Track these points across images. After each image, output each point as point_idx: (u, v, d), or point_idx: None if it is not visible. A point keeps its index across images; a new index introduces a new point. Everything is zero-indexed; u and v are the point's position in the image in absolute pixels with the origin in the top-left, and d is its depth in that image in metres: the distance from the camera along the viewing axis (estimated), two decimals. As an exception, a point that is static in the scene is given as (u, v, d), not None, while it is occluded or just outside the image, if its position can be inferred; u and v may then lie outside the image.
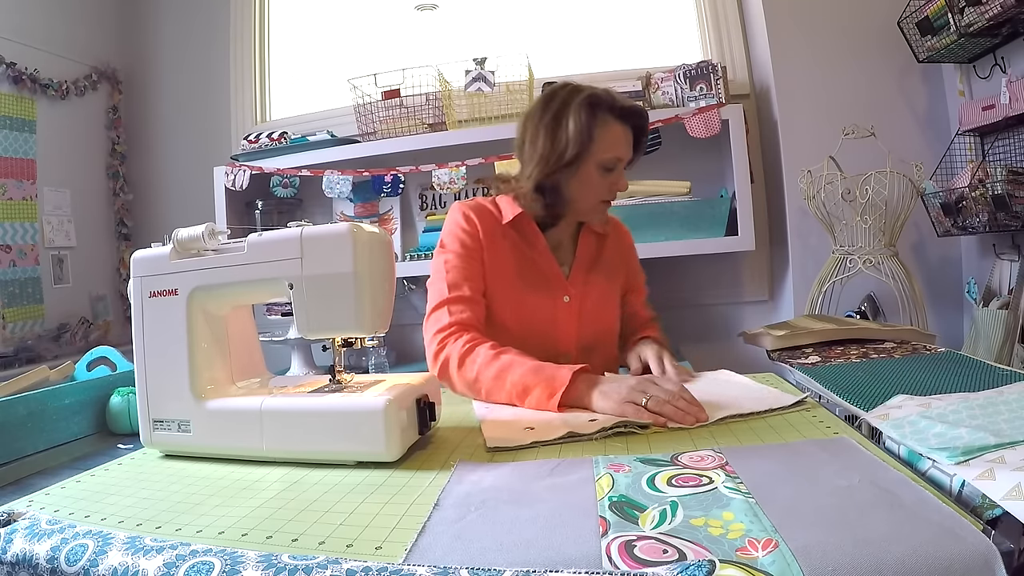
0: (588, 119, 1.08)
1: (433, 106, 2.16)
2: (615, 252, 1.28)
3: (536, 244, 1.18)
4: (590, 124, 1.08)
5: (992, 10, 1.56)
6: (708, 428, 0.75)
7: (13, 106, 2.26)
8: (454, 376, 1.02)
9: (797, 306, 2.03)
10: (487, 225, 1.16)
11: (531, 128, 1.14)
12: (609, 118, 1.09)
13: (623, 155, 1.12)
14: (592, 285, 1.21)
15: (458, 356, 1.02)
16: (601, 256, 1.25)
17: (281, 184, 2.23)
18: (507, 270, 1.15)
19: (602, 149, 1.09)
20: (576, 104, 1.09)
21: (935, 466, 0.57)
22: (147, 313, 0.79)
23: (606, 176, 1.12)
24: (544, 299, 1.16)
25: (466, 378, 1.00)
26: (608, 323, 1.24)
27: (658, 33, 2.41)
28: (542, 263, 1.18)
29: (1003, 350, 1.64)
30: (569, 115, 1.09)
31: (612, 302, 1.25)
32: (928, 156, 1.92)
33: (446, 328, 1.07)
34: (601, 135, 1.09)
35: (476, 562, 0.44)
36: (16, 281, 2.24)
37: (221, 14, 2.62)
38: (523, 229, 1.18)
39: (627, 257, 1.31)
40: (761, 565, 0.40)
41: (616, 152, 1.11)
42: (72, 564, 0.46)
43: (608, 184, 1.13)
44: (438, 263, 1.15)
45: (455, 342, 1.04)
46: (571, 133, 1.08)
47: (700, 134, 1.94)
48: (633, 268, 1.32)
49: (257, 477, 0.68)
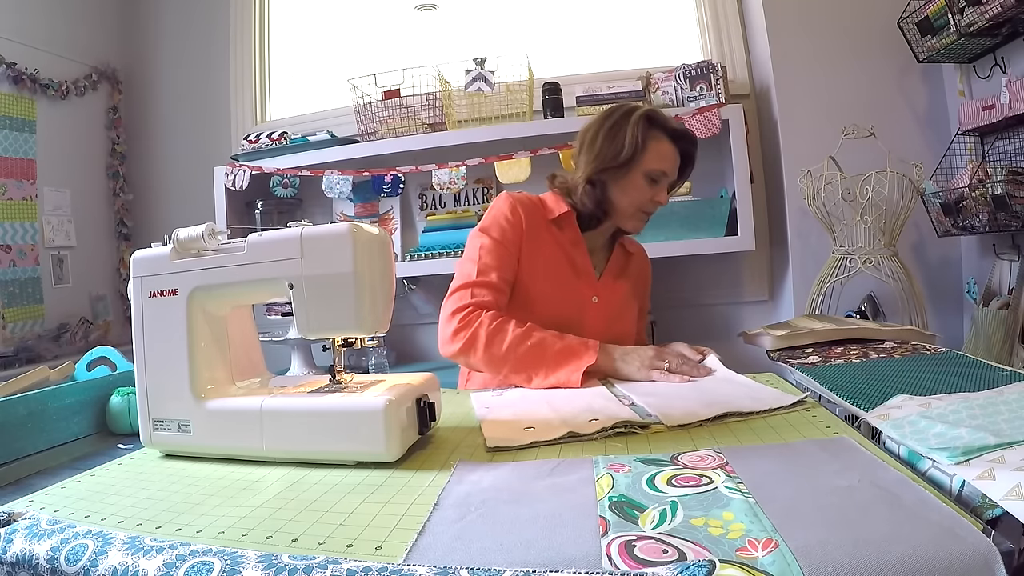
0: (644, 131, 1.19)
1: (433, 106, 2.16)
2: (637, 273, 1.37)
3: (576, 242, 1.25)
4: (645, 135, 1.18)
5: (992, 10, 1.56)
6: (708, 428, 0.75)
7: (13, 106, 2.26)
8: (480, 351, 1.06)
9: (797, 306, 2.03)
10: (532, 217, 1.22)
11: (590, 135, 1.23)
12: (662, 135, 1.20)
13: (669, 171, 1.21)
14: (618, 292, 1.29)
15: (486, 332, 1.07)
16: (627, 271, 1.34)
17: (281, 184, 2.23)
18: (545, 262, 1.21)
19: (651, 160, 1.19)
20: (636, 116, 1.20)
21: (935, 466, 0.57)
22: (147, 313, 0.79)
23: (650, 187, 1.21)
24: (575, 295, 1.23)
25: (492, 354, 1.05)
26: (626, 333, 1.31)
27: (658, 33, 2.41)
28: (579, 260, 1.24)
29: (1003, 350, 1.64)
30: (628, 124, 1.19)
31: (629, 315, 1.33)
32: (928, 156, 1.92)
33: (467, 307, 1.12)
34: (652, 147, 1.19)
35: (476, 562, 0.44)
36: (16, 281, 2.24)
37: (221, 14, 2.62)
38: (565, 227, 1.25)
39: (645, 282, 1.41)
40: (761, 565, 0.40)
41: (663, 166, 1.20)
42: (72, 564, 0.46)
43: (651, 195, 1.21)
44: (473, 245, 1.21)
45: (479, 319, 1.09)
46: (627, 139, 1.18)
47: (700, 134, 1.94)
48: (646, 292, 1.42)
49: (257, 477, 0.68)
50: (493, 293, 1.15)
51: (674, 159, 1.22)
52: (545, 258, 1.21)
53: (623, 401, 0.90)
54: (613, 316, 1.26)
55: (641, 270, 1.40)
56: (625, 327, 1.31)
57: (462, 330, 1.09)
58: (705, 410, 0.80)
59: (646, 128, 1.19)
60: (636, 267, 1.37)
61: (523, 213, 1.21)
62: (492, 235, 1.19)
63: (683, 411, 0.81)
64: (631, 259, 1.36)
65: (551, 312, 1.19)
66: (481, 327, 1.07)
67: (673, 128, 1.22)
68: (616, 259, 1.32)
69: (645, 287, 1.42)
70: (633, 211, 1.22)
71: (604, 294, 1.26)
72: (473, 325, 1.08)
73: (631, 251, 1.37)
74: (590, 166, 1.21)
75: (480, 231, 1.22)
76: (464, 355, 1.09)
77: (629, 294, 1.33)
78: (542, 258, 1.21)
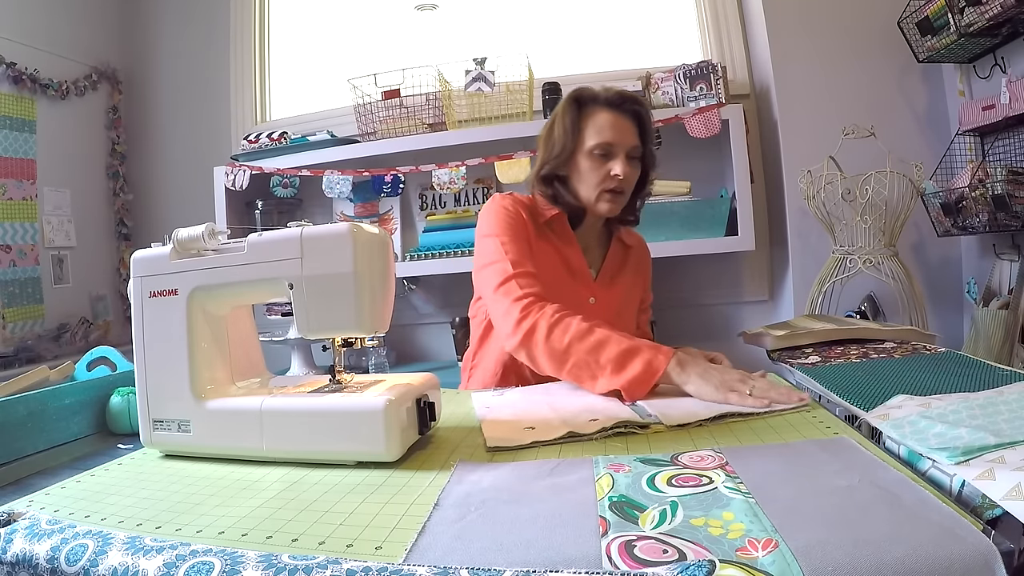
0: (573, 114, 1.16)
1: (433, 106, 2.16)
2: (637, 266, 1.33)
3: (570, 243, 1.22)
4: (576, 117, 1.16)
5: (992, 10, 1.56)
6: (708, 428, 0.75)
7: (13, 106, 2.26)
8: (540, 345, 0.99)
9: (797, 306, 2.03)
10: (530, 217, 1.21)
11: (541, 138, 1.24)
12: (595, 108, 1.16)
13: (614, 139, 1.14)
14: (616, 291, 1.26)
15: (547, 325, 0.99)
16: (626, 266, 1.30)
17: (281, 184, 2.23)
18: (540, 264, 1.16)
19: (590, 137, 1.15)
20: (562, 104, 1.19)
21: (935, 466, 0.57)
22: (147, 313, 0.79)
23: (603, 163, 1.15)
24: (572, 297, 1.18)
25: (553, 348, 0.97)
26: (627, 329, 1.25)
27: (658, 33, 2.41)
28: (574, 262, 1.22)
29: (1003, 350, 1.64)
30: (558, 115, 1.18)
31: (630, 312, 1.30)
32: (928, 156, 1.92)
33: (526, 297, 1.05)
34: (588, 125, 1.15)
35: (476, 562, 0.44)
36: (16, 281, 2.24)
37: (221, 14, 2.62)
38: (557, 227, 1.22)
39: (645, 274, 1.37)
40: (761, 565, 0.40)
41: (604, 137, 1.14)
42: (72, 564, 0.46)
43: (605, 170, 1.15)
44: (491, 247, 1.15)
45: (541, 310, 1.02)
46: (560, 130, 1.17)
47: (700, 134, 1.94)
48: (647, 284, 1.38)
49: (257, 477, 0.68)
50: (537, 282, 1.09)
51: (618, 126, 1.14)
52: (541, 260, 1.17)
53: (623, 401, 0.90)
54: (612, 316, 1.22)
55: (641, 261, 1.35)
56: (625, 326, 1.27)
57: (523, 320, 1.02)
58: (705, 410, 0.80)
59: (575, 109, 1.16)
60: (635, 259, 1.33)
61: (523, 211, 1.20)
62: (505, 233, 1.15)
63: (683, 411, 0.81)
64: (630, 252, 1.32)
65: None
66: (543, 318, 1.00)
67: (606, 96, 1.16)
68: (614, 255, 1.28)
69: (646, 278, 1.37)
70: (595, 193, 1.16)
71: (602, 294, 1.23)
72: (534, 316, 1.01)
73: (629, 243, 1.32)
74: (538, 164, 1.21)
75: (488, 235, 1.17)
76: (525, 347, 1.01)
77: (629, 289, 1.29)
78: (538, 260, 1.18)
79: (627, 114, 1.16)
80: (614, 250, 1.28)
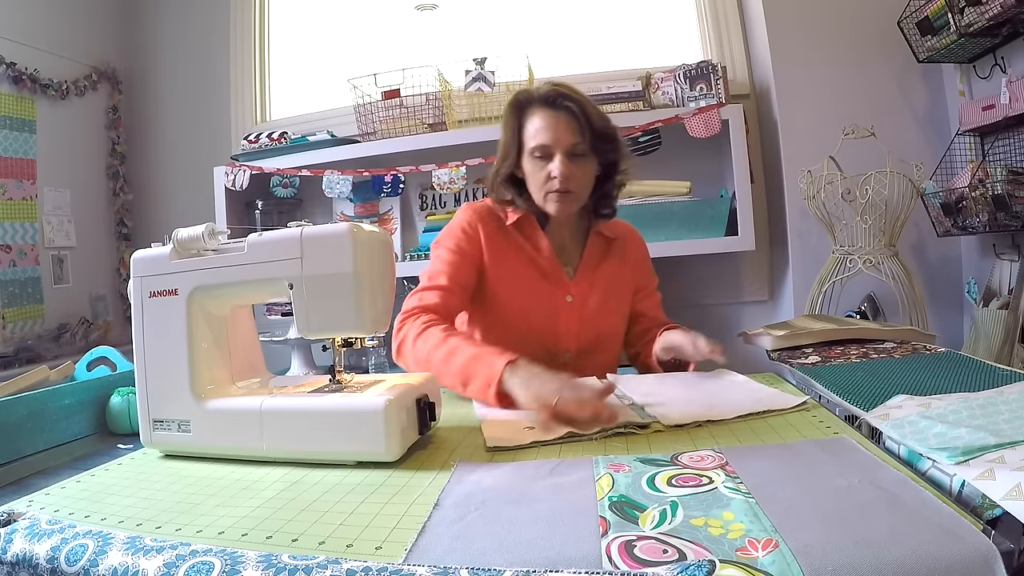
0: (514, 118, 1.17)
1: (433, 106, 2.16)
2: (624, 257, 1.28)
3: (539, 244, 1.20)
4: (518, 121, 1.17)
5: (992, 10, 1.56)
6: (708, 428, 0.75)
7: (13, 106, 2.26)
8: (408, 354, 1.04)
9: (797, 306, 2.03)
10: (490, 228, 1.20)
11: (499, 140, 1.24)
12: (533, 109, 1.15)
13: (549, 141, 1.12)
14: (596, 287, 1.22)
15: (413, 336, 1.04)
16: (608, 259, 1.26)
17: (281, 184, 2.23)
18: (510, 269, 1.18)
19: (529, 140, 1.15)
20: (505, 109, 1.19)
21: (935, 466, 0.57)
22: (147, 313, 0.79)
23: (542, 166, 1.14)
24: (546, 298, 1.18)
25: (418, 357, 1.02)
26: (611, 326, 1.24)
27: (658, 33, 2.41)
28: (544, 263, 1.19)
29: (1003, 350, 1.64)
30: (503, 121, 1.20)
31: (616, 306, 1.25)
32: (928, 156, 1.92)
33: (411, 311, 1.10)
34: (527, 128, 1.15)
35: (476, 562, 0.44)
36: (16, 281, 2.24)
37: (221, 14, 2.62)
38: (526, 230, 1.21)
39: (639, 263, 1.32)
40: (761, 565, 0.40)
41: (539, 140, 1.13)
42: (72, 564, 0.46)
43: (546, 172, 1.13)
44: (431, 256, 1.20)
45: (413, 322, 1.06)
46: (504, 136, 1.19)
47: (700, 134, 1.94)
48: (644, 271, 1.33)
49: (257, 477, 0.68)
50: (441, 294, 1.12)
51: (553, 126, 1.12)
52: (510, 265, 1.18)
53: (623, 401, 0.90)
54: (592, 316, 1.20)
55: (631, 251, 1.30)
56: (609, 327, 1.23)
57: (397, 332, 1.07)
58: (704, 412, 0.80)
59: (517, 115, 1.17)
60: (622, 250, 1.28)
61: (480, 224, 1.19)
62: (447, 246, 1.18)
63: (682, 412, 0.81)
64: (613, 244, 1.27)
65: (523, 319, 1.16)
66: (412, 329, 1.05)
67: (539, 96, 1.15)
68: (592, 250, 1.24)
69: (639, 267, 1.31)
70: (542, 195, 1.15)
71: (579, 292, 1.20)
72: (406, 327, 1.06)
73: (612, 236, 1.27)
74: (492, 171, 1.23)
75: (436, 243, 1.21)
76: (399, 357, 1.06)
77: (611, 289, 1.24)
78: (507, 266, 1.18)
79: (563, 111, 1.12)
80: (592, 245, 1.25)
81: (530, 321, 1.16)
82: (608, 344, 1.24)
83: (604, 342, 1.23)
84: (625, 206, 2.01)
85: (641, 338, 1.25)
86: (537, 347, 1.08)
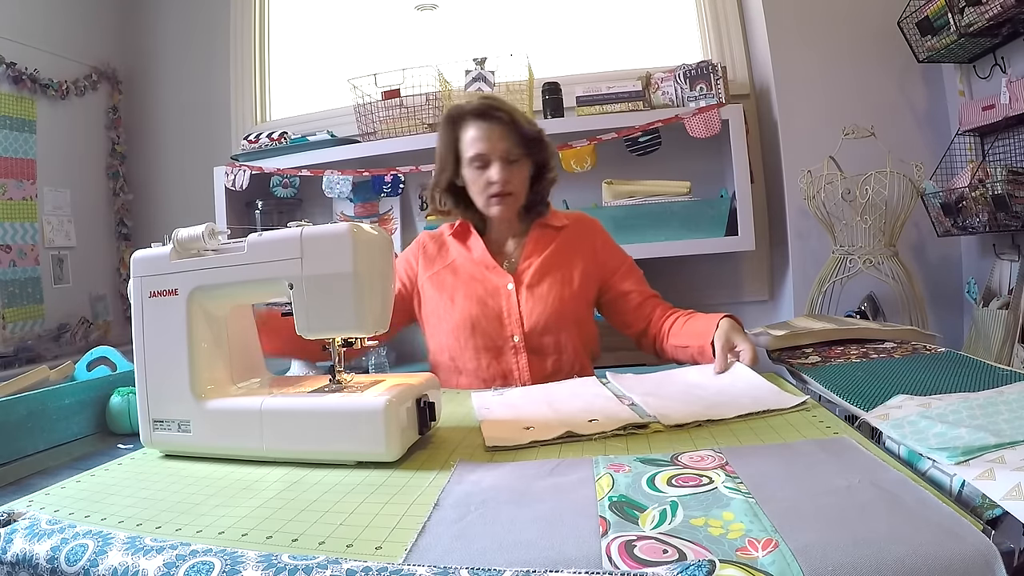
0: (448, 132, 1.25)
1: (433, 106, 2.16)
2: (574, 241, 1.32)
3: (474, 245, 1.30)
4: (452, 135, 1.25)
5: (992, 10, 1.56)
6: (708, 428, 0.75)
7: (13, 106, 2.26)
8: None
9: (797, 306, 2.03)
10: (430, 248, 1.33)
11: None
12: (465, 122, 1.23)
13: (484, 150, 1.21)
14: (539, 271, 1.26)
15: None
16: (553, 245, 1.30)
17: (281, 184, 2.23)
18: (449, 275, 1.28)
19: (466, 150, 1.23)
20: (440, 124, 1.28)
21: (935, 466, 0.57)
22: (147, 313, 0.79)
23: (480, 173, 1.23)
24: (487, 289, 1.25)
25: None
26: (563, 308, 1.24)
27: (658, 33, 2.41)
28: (479, 259, 1.28)
29: (1003, 350, 1.64)
30: (438, 135, 1.28)
31: (567, 287, 1.26)
32: (928, 156, 1.92)
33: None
34: (463, 139, 1.24)
35: (476, 562, 0.44)
36: (16, 281, 2.24)
37: (221, 14, 2.62)
38: (463, 235, 1.33)
39: (594, 243, 1.34)
40: (761, 565, 0.40)
41: (474, 149, 1.22)
42: (72, 564, 0.46)
43: (484, 179, 1.22)
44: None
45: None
46: (440, 149, 1.27)
47: (700, 134, 1.94)
48: (607, 251, 1.34)
49: (257, 477, 0.68)
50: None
51: (486, 135, 1.21)
52: (448, 273, 1.29)
53: (623, 401, 0.90)
54: (538, 300, 1.23)
55: (585, 234, 1.33)
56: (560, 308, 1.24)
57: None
58: (704, 412, 0.80)
59: (451, 129, 1.25)
60: (569, 237, 1.31)
61: (420, 248, 1.34)
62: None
63: (681, 412, 0.81)
64: (562, 231, 1.32)
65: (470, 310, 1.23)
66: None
67: (471, 109, 1.23)
68: (533, 241, 1.30)
69: (606, 248, 1.34)
70: (483, 200, 1.24)
71: (520, 279, 1.25)
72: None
73: (559, 225, 1.32)
74: (432, 182, 1.31)
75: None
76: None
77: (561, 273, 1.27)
78: (445, 274, 1.29)
79: (495, 121, 1.21)
80: (534, 236, 1.31)
81: (473, 314, 1.22)
82: (565, 323, 1.24)
83: (558, 322, 1.23)
84: (625, 206, 2.01)
85: (635, 312, 1.29)
86: (484, 337, 1.20)
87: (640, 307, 1.29)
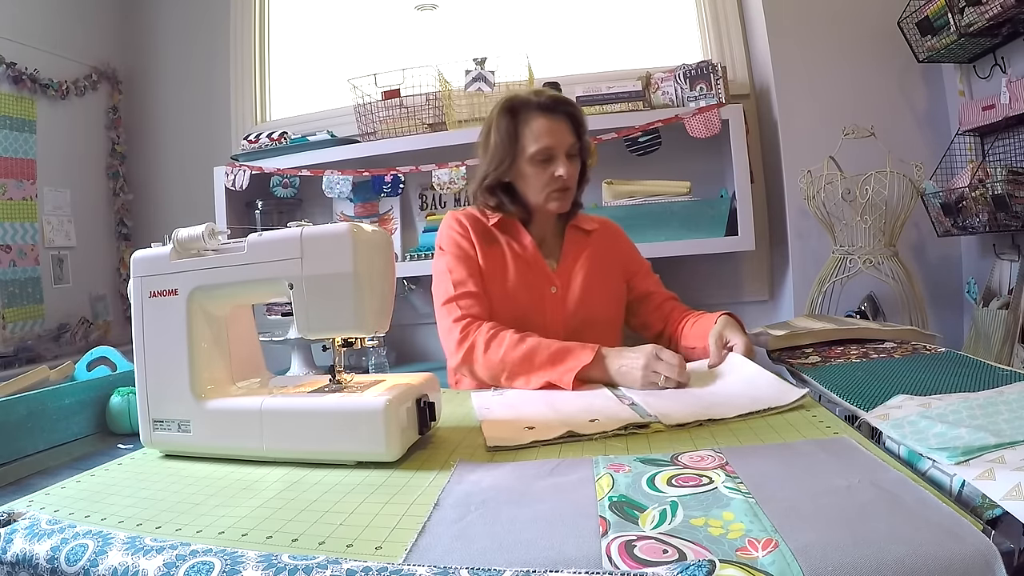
0: (508, 123, 1.21)
1: (433, 106, 2.16)
2: (605, 246, 1.34)
3: (523, 241, 1.27)
4: (512, 126, 1.21)
5: (992, 10, 1.56)
6: (708, 428, 0.75)
7: (13, 106, 2.26)
8: (479, 360, 1.10)
9: (797, 306, 2.03)
10: (477, 229, 1.27)
11: (479, 146, 1.29)
12: (531, 115, 1.21)
13: (553, 144, 1.20)
14: (579, 276, 1.27)
15: (484, 341, 1.10)
16: (588, 250, 1.31)
17: (281, 184, 2.23)
18: (499, 268, 1.25)
19: (529, 144, 1.20)
20: (497, 114, 1.23)
21: (935, 466, 0.57)
22: (147, 313, 0.79)
23: (544, 168, 1.21)
24: (533, 291, 1.24)
25: (491, 361, 1.08)
26: (598, 311, 1.28)
27: (658, 33, 2.41)
28: (529, 258, 1.26)
29: (1003, 350, 1.64)
30: (493, 126, 1.23)
31: (601, 291, 1.30)
32: (928, 156, 1.92)
33: (463, 318, 1.16)
34: (525, 133, 1.21)
35: (476, 562, 0.44)
36: (16, 281, 2.24)
37: (221, 14, 2.62)
38: (509, 229, 1.29)
39: (621, 249, 1.38)
40: (761, 565, 0.40)
41: (543, 143, 1.19)
42: (72, 564, 0.46)
43: (549, 173, 1.21)
44: (440, 265, 1.25)
45: (478, 329, 1.13)
46: (497, 140, 1.22)
47: (700, 134, 1.94)
48: (631, 256, 1.39)
49: (257, 477, 0.68)
50: (477, 301, 1.19)
51: (554, 130, 1.20)
52: (498, 263, 1.25)
53: (623, 401, 0.90)
54: (576, 303, 1.25)
55: (608, 240, 1.36)
56: (595, 311, 1.27)
57: (463, 340, 1.13)
58: (704, 411, 0.80)
59: (510, 119, 1.21)
60: (600, 242, 1.34)
61: (468, 225, 1.27)
62: (451, 251, 1.24)
63: (682, 412, 0.81)
64: (591, 236, 1.33)
65: (514, 311, 1.21)
66: (479, 336, 1.11)
67: (539, 102, 1.21)
68: (571, 243, 1.31)
69: (629, 252, 1.38)
70: (543, 195, 1.23)
71: (563, 282, 1.26)
72: (472, 336, 1.12)
73: (590, 228, 1.34)
74: (480, 175, 1.27)
75: (439, 252, 1.27)
76: (467, 364, 1.12)
77: (595, 277, 1.29)
78: (496, 264, 1.25)
79: (561, 115, 1.21)
80: (570, 238, 1.32)
81: (518, 312, 1.21)
82: (598, 327, 1.27)
83: (592, 326, 1.26)
84: (625, 206, 2.01)
85: (655, 314, 1.32)
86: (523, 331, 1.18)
87: (659, 308, 1.32)
